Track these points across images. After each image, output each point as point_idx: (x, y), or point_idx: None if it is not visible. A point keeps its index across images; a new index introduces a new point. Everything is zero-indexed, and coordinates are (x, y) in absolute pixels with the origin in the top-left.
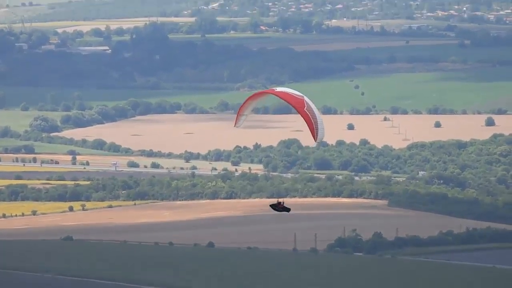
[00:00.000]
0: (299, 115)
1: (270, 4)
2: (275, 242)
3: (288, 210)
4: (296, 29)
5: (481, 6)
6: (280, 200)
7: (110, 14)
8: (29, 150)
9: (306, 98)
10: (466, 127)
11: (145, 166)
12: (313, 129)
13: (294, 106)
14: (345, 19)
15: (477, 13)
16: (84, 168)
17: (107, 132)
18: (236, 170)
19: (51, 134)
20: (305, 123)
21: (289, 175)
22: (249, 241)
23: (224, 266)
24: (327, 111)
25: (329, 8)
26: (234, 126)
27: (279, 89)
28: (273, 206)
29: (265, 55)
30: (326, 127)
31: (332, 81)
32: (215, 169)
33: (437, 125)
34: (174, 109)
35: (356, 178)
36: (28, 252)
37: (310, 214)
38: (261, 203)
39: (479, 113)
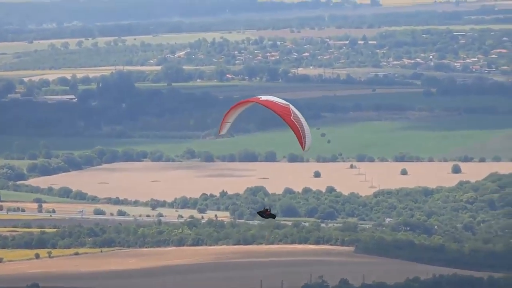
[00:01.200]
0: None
1: (236, 52)
2: None
3: (274, 216)
4: (262, 77)
5: (447, 54)
6: (267, 207)
7: (76, 63)
8: None
9: (292, 107)
10: (433, 175)
11: (112, 214)
12: (301, 137)
13: (280, 114)
14: (311, 67)
15: (443, 61)
16: (51, 215)
17: (74, 180)
18: (203, 218)
19: (17, 182)
20: (293, 133)
21: (256, 222)
22: None
23: None
24: (293, 159)
25: (295, 56)
26: (219, 133)
27: (264, 97)
28: (260, 213)
29: (231, 103)
30: (293, 175)
31: None
32: (182, 216)
33: (404, 172)
34: (140, 157)
35: (323, 225)
36: None
37: (277, 261)
38: (228, 250)
39: (445, 160)
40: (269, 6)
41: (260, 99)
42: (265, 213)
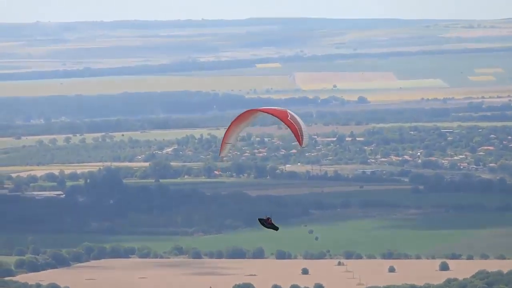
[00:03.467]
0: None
1: None
2: None
3: (276, 228)
4: (250, 174)
5: (435, 151)
6: (268, 216)
7: (64, 159)
8: None
9: (289, 111)
10: (420, 272)
11: None
12: (298, 135)
13: (278, 116)
14: (299, 164)
15: (431, 158)
16: None
17: (61, 276)
18: None
19: (5, 279)
20: (292, 133)
21: None
22: None
23: None
24: (281, 256)
25: (283, 153)
26: (219, 156)
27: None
28: (261, 221)
29: (219, 200)
30: (281, 272)
31: (286, 226)
32: None
33: (391, 269)
34: (128, 253)
35: None
36: None
37: None
38: None
39: (433, 257)
40: (257, 102)
41: (258, 108)
42: (267, 222)
